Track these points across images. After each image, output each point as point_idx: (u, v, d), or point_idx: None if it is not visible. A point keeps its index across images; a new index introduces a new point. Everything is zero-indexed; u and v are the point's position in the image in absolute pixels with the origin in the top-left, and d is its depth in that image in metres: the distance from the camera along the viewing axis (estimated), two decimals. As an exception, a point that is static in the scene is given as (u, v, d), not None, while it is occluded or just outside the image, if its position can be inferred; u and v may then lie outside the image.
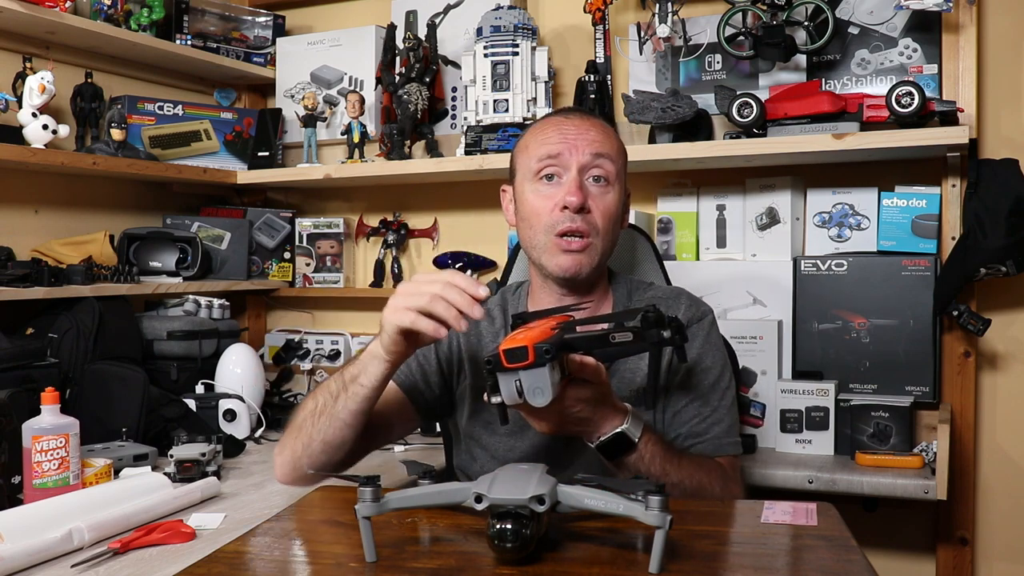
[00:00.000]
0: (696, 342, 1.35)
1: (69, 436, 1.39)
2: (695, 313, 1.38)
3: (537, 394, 1.00)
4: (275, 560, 0.93)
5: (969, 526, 1.93)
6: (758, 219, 2.06)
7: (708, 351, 1.36)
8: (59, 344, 1.88)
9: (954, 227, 1.90)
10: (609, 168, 1.33)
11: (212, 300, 2.29)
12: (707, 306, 1.42)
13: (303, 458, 1.28)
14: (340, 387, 1.24)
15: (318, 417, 1.26)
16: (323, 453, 1.26)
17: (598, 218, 1.31)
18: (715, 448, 1.33)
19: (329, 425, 1.25)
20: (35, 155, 1.92)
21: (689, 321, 1.36)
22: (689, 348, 1.32)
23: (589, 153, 1.32)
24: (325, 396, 1.26)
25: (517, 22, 2.12)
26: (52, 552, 1.16)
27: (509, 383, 1.01)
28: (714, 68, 2.16)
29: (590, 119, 1.38)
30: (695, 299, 1.42)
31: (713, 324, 1.40)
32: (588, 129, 1.34)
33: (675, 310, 1.37)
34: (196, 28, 2.47)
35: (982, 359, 1.96)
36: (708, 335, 1.37)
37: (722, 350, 1.39)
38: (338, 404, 1.24)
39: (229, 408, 1.97)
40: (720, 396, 1.35)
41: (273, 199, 2.71)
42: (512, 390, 1.00)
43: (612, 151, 1.34)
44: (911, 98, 1.77)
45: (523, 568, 0.85)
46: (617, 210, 1.35)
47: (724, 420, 1.34)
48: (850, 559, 0.87)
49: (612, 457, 1.16)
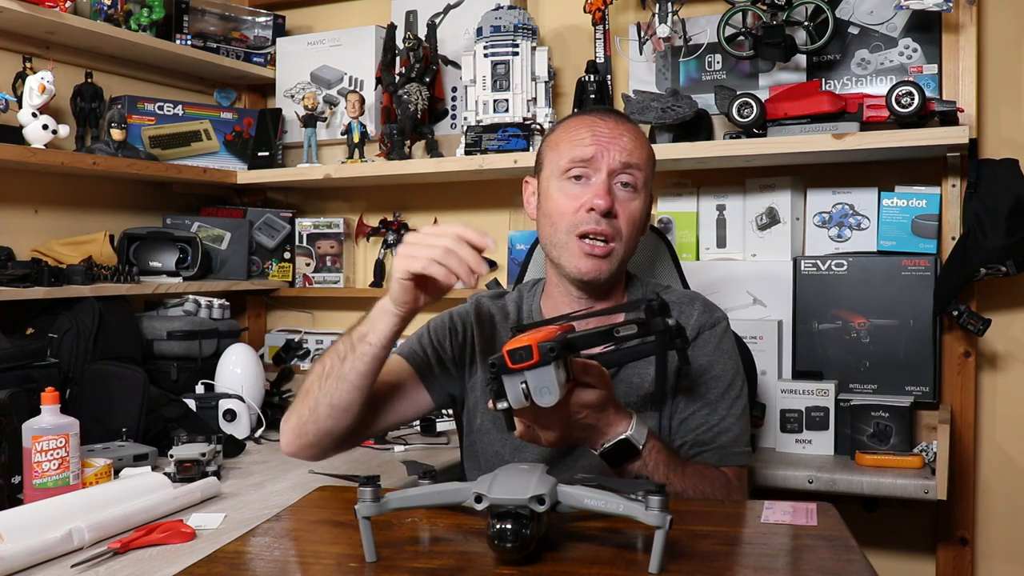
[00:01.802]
0: (707, 349, 1.33)
1: (69, 436, 1.39)
2: (708, 319, 1.36)
3: (544, 393, 0.99)
4: (275, 560, 0.93)
5: (969, 526, 1.93)
6: (758, 219, 2.06)
7: (719, 359, 1.34)
8: (59, 344, 1.88)
9: (954, 227, 1.90)
10: (638, 176, 1.32)
11: (212, 300, 2.29)
12: (722, 312, 1.39)
13: (309, 423, 1.26)
14: (348, 348, 1.22)
15: (325, 380, 1.24)
16: (329, 418, 1.24)
17: (623, 224, 1.30)
18: (721, 458, 1.31)
19: (336, 387, 1.23)
20: (35, 155, 1.92)
21: (701, 327, 1.34)
22: (700, 354, 1.32)
23: (620, 160, 1.30)
24: (332, 359, 1.24)
25: (517, 22, 2.12)
26: (52, 552, 1.16)
27: (515, 385, 0.99)
28: (714, 68, 2.16)
29: (624, 124, 1.36)
30: (710, 305, 1.39)
31: (727, 331, 1.37)
32: (622, 135, 1.33)
33: (688, 315, 1.35)
34: (196, 28, 2.47)
35: (982, 359, 1.96)
36: (720, 342, 1.35)
37: (734, 358, 1.36)
38: (345, 365, 1.22)
39: (229, 408, 1.97)
40: (729, 405, 1.32)
41: (273, 199, 2.71)
42: (518, 392, 0.99)
43: (642, 160, 1.34)
44: (911, 98, 1.77)
45: (523, 568, 0.85)
46: (641, 217, 1.34)
47: (732, 429, 1.32)
48: (850, 559, 0.87)
49: (616, 464, 1.16)
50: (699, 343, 1.33)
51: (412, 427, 2.15)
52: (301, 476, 1.65)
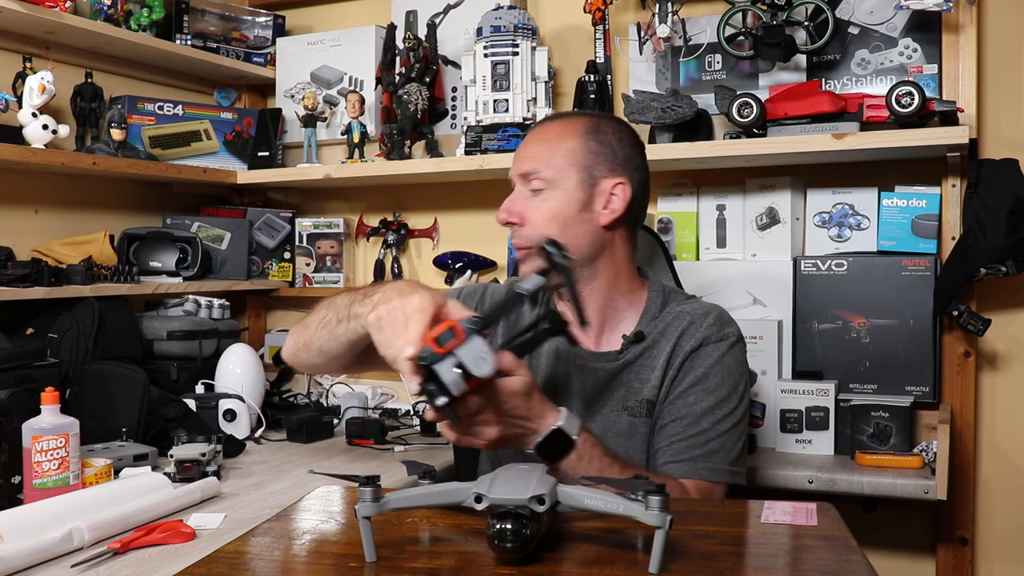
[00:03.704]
0: (707, 360, 1.33)
1: (69, 436, 1.39)
2: (716, 332, 1.36)
3: (481, 364, 1.00)
4: (275, 560, 0.93)
5: (969, 526, 1.93)
6: (758, 219, 2.06)
7: (716, 372, 1.33)
8: (59, 344, 1.88)
9: (954, 227, 1.90)
10: (544, 177, 1.35)
11: (212, 300, 2.29)
12: (735, 329, 1.39)
13: (302, 353, 1.37)
14: (345, 312, 1.25)
15: (320, 328, 1.31)
16: (318, 357, 1.34)
17: (540, 226, 1.34)
18: (689, 470, 1.29)
19: (328, 340, 1.30)
20: (35, 155, 1.92)
21: (707, 339, 1.35)
22: (699, 364, 1.33)
23: (520, 172, 1.38)
24: (332, 313, 1.29)
25: (517, 22, 2.12)
26: (52, 552, 1.16)
27: (448, 369, 1.00)
28: (714, 68, 2.16)
29: (539, 128, 1.41)
30: (726, 320, 1.39)
31: (732, 348, 1.36)
32: (528, 144, 1.40)
33: (699, 325, 1.36)
34: (196, 28, 2.47)
35: (982, 359, 1.96)
36: (722, 357, 1.34)
37: (735, 376, 1.35)
38: (339, 328, 1.27)
39: (229, 408, 1.97)
40: (716, 420, 1.31)
41: (273, 199, 2.71)
42: (454, 375, 1.00)
43: (545, 159, 1.36)
44: (911, 98, 1.77)
45: (523, 568, 0.85)
46: (564, 211, 1.34)
47: (710, 445, 1.30)
48: (850, 559, 0.87)
49: (553, 458, 1.16)
50: (701, 354, 1.34)
51: (412, 427, 2.15)
52: (301, 476, 1.65)
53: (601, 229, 1.36)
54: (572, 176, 1.35)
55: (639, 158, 1.41)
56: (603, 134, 1.38)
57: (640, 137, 1.44)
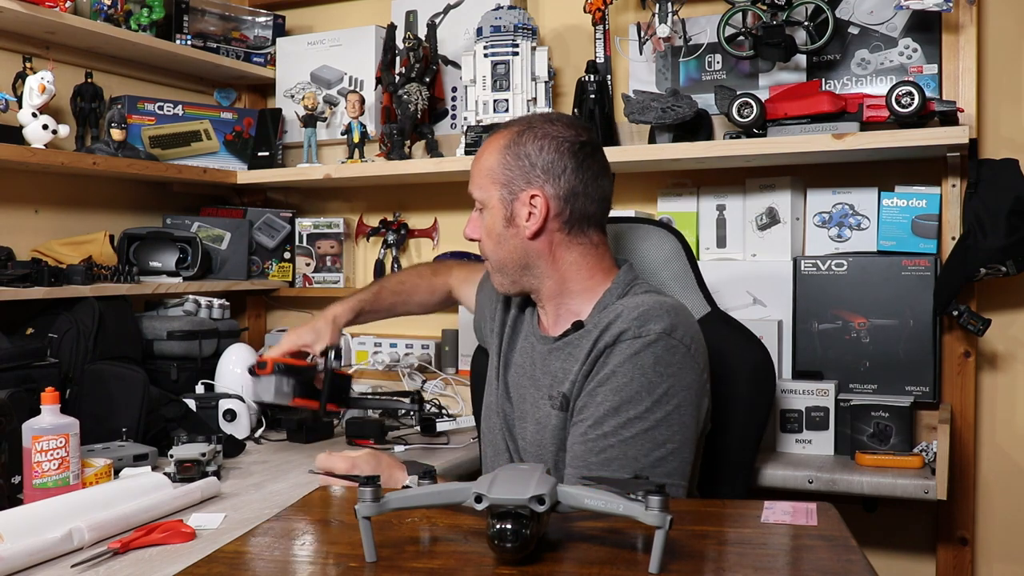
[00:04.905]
0: (618, 357, 1.24)
1: (69, 436, 1.39)
2: (635, 328, 1.24)
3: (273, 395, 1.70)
4: (275, 560, 0.93)
5: (969, 526, 1.93)
6: (758, 219, 2.06)
7: (625, 371, 1.23)
8: (59, 344, 1.88)
9: (954, 227, 1.90)
10: (483, 193, 1.40)
11: (212, 300, 2.29)
12: (661, 326, 1.24)
13: None
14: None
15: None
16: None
17: (485, 243, 1.42)
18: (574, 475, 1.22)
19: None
20: (35, 155, 1.92)
21: (622, 334, 1.25)
22: (610, 361, 1.25)
23: (470, 192, 1.43)
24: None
25: (517, 22, 2.12)
26: (52, 552, 1.16)
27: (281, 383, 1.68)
28: (714, 68, 2.16)
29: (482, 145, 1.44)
30: (655, 316, 1.25)
31: (651, 346, 1.23)
32: (472, 163, 1.44)
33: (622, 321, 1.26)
34: (196, 28, 2.47)
35: (982, 359, 1.96)
36: (636, 355, 1.23)
37: (651, 378, 1.22)
38: None
39: (229, 408, 1.97)
40: (620, 424, 1.21)
41: (273, 199, 2.71)
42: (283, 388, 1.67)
43: (481, 177, 1.40)
44: (911, 98, 1.77)
45: (523, 568, 0.85)
46: (495, 228, 1.38)
47: (608, 452, 1.21)
48: (850, 559, 0.87)
49: None
50: (615, 349, 1.25)
51: (412, 427, 2.15)
52: (301, 476, 1.65)
53: (529, 241, 1.36)
54: (495, 194, 1.38)
55: (566, 160, 1.34)
56: (521, 146, 1.35)
57: (585, 136, 1.38)
